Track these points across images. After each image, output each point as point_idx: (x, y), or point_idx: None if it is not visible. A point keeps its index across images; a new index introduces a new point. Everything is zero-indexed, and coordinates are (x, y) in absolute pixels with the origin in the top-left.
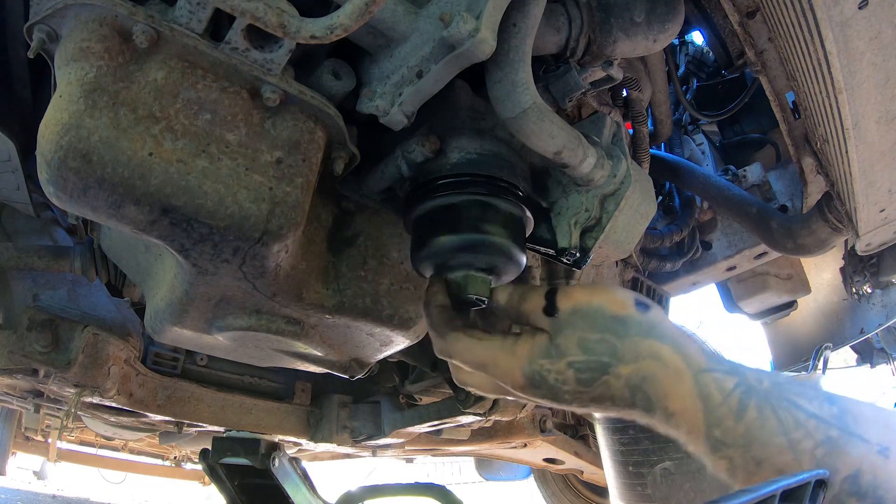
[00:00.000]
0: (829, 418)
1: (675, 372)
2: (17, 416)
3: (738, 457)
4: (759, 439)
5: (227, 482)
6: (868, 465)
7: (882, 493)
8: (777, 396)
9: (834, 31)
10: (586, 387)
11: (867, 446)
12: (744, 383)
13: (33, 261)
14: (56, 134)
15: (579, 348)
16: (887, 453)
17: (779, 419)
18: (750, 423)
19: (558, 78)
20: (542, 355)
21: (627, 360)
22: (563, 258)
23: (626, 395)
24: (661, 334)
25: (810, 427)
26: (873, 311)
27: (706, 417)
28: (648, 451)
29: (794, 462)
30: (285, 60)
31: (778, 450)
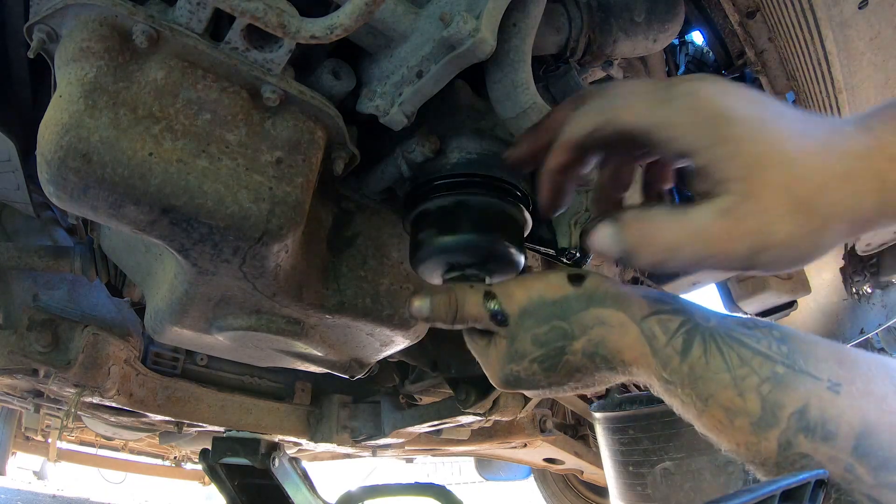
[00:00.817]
0: (777, 356)
1: (620, 327)
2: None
3: (686, 395)
4: (703, 377)
5: (227, 482)
6: (816, 399)
7: (832, 427)
8: (722, 334)
9: (834, 31)
10: (553, 371)
11: (816, 382)
12: (689, 322)
13: (33, 261)
14: (56, 134)
15: (534, 345)
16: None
17: (723, 356)
18: (694, 362)
19: (558, 78)
20: (508, 360)
21: (577, 334)
22: (563, 258)
23: (588, 364)
24: (599, 300)
25: (755, 364)
26: (873, 311)
27: (654, 360)
28: (648, 451)
29: (739, 398)
30: (285, 60)
31: (722, 386)
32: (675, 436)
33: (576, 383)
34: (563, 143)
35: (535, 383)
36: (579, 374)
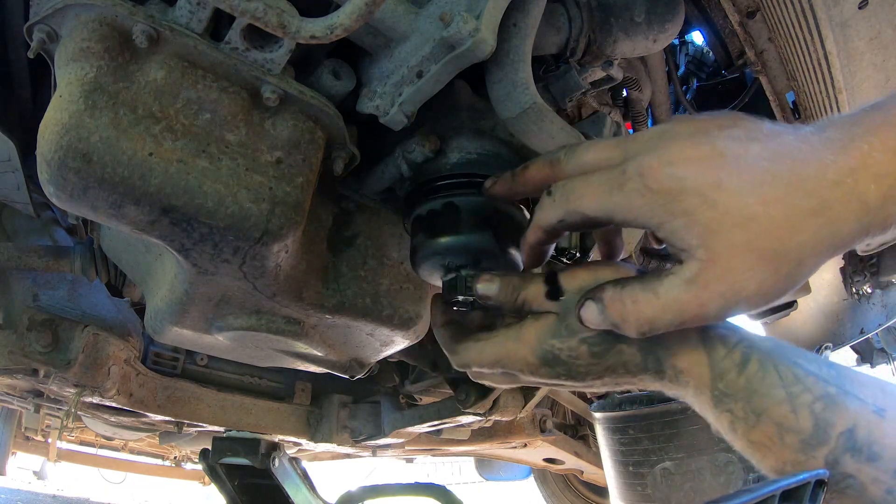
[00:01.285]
0: (828, 377)
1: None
2: (17, 416)
3: (740, 409)
4: (759, 391)
5: (227, 482)
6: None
7: (877, 449)
8: (777, 354)
9: (834, 31)
10: (600, 358)
11: (863, 404)
12: (746, 339)
13: (33, 261)
14: (56, 134)
15: None
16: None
17: (778, 373)
18: (751, 376)
19: (558, 78)
20: (552, 335)
21: None
22: (563, 258)
23: (639, 360)
24: None
25: (809, 383)
26: (873, 311)
27: (711, 370)
28: (648, 451)
29: (793, 415)
30: (285, 60)
31: (777, 402)
32: (675, 436)
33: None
34: (536, 229)
35: (572, 367)
36: (623, 371)
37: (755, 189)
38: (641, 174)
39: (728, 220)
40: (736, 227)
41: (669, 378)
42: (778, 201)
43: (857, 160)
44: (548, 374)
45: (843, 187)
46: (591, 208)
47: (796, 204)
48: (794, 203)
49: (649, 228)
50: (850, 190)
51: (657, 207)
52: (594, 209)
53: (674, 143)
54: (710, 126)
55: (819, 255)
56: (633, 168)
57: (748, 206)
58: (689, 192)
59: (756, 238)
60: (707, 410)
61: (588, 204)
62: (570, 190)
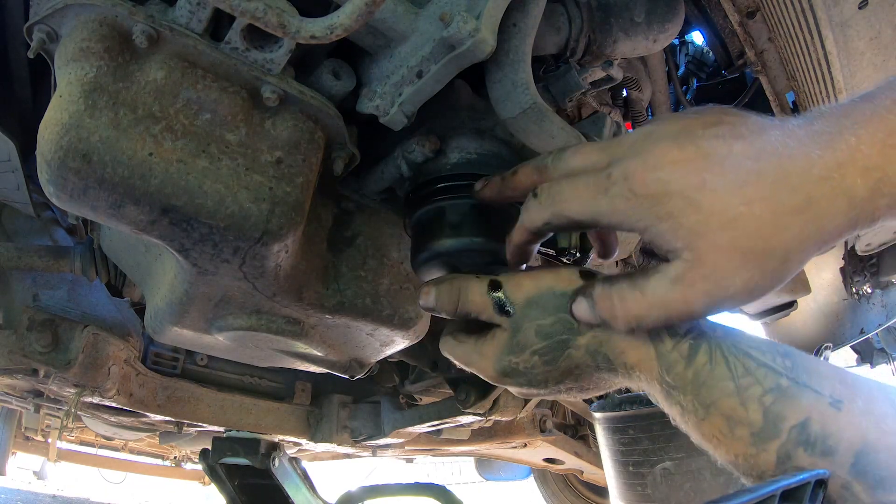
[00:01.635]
0: (781, 369)
1: None
2: (17, 416)
3: (688, 402)
4: (707, 383)
5: (227, 482)
6: (818, 414)
7: (832, 442)
8: (728, 344)
9: (834, 31)
10: (553, 365)
11: (818, 397)
12: (696, 329)
13: (33, 261)
14: (56, 134)
15: (538, 337)
16: (839, 406)
17: (728, 365)
18: (699, 368)
19: (558, 78)
20: (507, 352)
21: (583, 330)
22: (563, 258)
23: (589, 361)
24: None
25: (759, 374)
26: (873, 311)
27: (658, 363)
28: (648, 451)
29: (742, 407)
30: (285, 60)
31: (725, 394)
32: (675, 436)
33: (572, 383)
34: (521, 229)
35: (532, 377)
36: (578, 372)
37: (739, 189)
38: (626, 178)
39: (713, 222)
40: (720, 228)
41: (622, 374)
42: (762, 200)
43: (845, 154)
44: (512, 383)
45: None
46: (576, 212)
47: (781, 201)
48: (779, 200)
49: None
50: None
51: (642, 211)
52: (579, 213)
53: (658, 145)
54: (694, 125)
55: (805, 252)
56: (617, 172)
57: (732, 207)
58: (673, 195)
59: (741, 238)
60: (660, 402)
61: (573, 207)
62: (555, 193)
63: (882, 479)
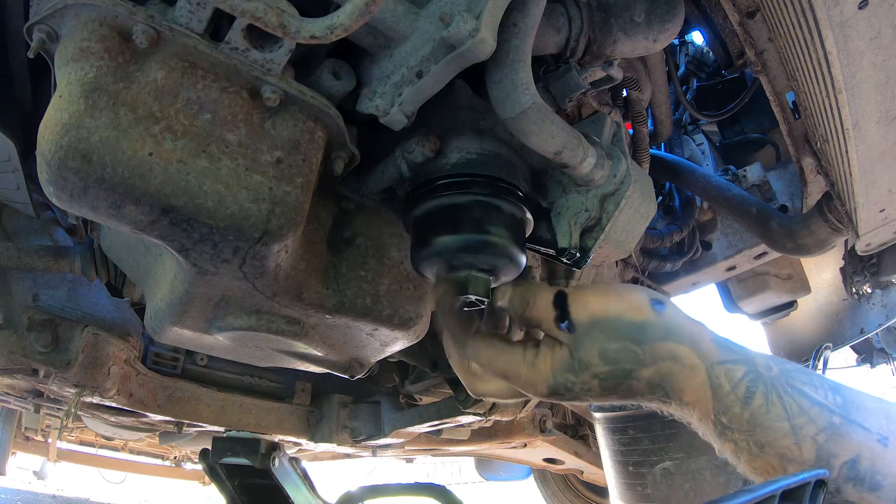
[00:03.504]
0: (833, 406)
1: (691, 368)
2: (17, 416)
3: (743, 441)
4: (763, 424)
5: (227, 482)
6: (867, 451)
7: (880, 478)
8: (783, 384)
9: (834, 31)
10: (611, 392)
11: (867, 434)
12: (752, 371)
13: (33, 261)
14: (56, 134)
15: (601, 360)
16: (886, 442)
17: (783, 405)
18: (756, 410)
19: (558, 78)
20: (566, 370)
21: (648, 363)
22: (563, 258)
23: (647, 392)
24: (678, 335)
25: (813, 414)
26: (873, 311)
27: (715, 405)
28: (648, 451)
29: (796, 446)
30: (285, 60)
31: (781, 434)
32: (675, 436)
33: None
34: None
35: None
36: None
37: None
38: None
39: None
40: None
41: (675, 408)
42: None
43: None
44: (556, 399)
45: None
46: None
47: None
48: None
49: None
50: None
51: None
52: None
53: None
54: None
55: None
56: None
57: None
58: None
59: None
60: (711, 438)
61: None
62: None
63: None
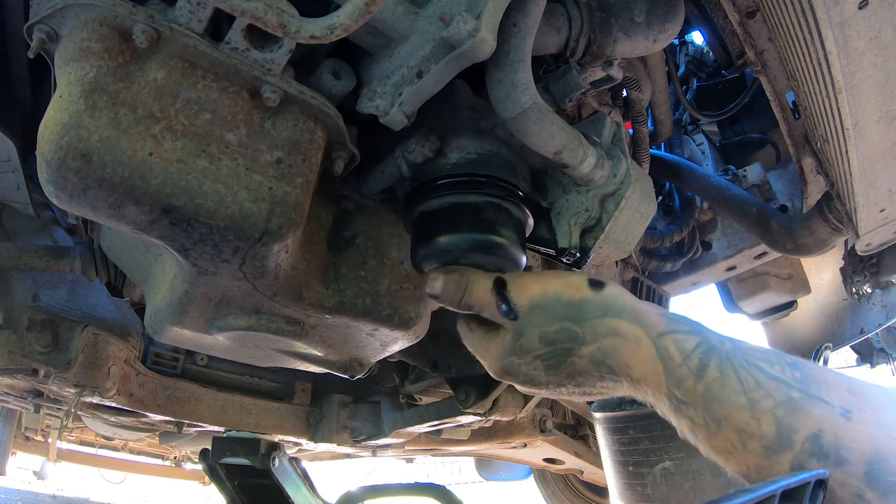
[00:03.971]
0: (790, 381)
1: (634, 341)
2: (17, 416)
3: (699, 416)
4: (719, 398)
5: (227, 482)
6: (829, 425)
7: (844, 453)
8: (739, 357)
9: (834, 31)
10: (556, 370)
11: (828, 408)
12: (705, 342)
13: (33, 261)
14: (56, 134)
15: (541, 343)
16: (849, 415)
17: (739, 379)
18: (710, 382)
19: (558, 78)
20: (510, 353)
21: (588, 341)
22: (563, 258)
23: (593, 370)
24: (617, 310)
25: (770, 388)
26: (873, 311)
27: (667, 378)
28: (648, 451)
29: (754, 421)
30: (285, 60)
31: (737, 408)
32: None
33: (575, 387)
34: None
35: (534, 378)
36: (580, 379)
37: None
38: None
39: None
40: None
41: (628, 385)
42: None
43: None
44: (514, 380)
45: None
46: None
47: None
48: None
49: None
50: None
51: None
52: None
53: None
54: None
55: None
56: None
57: None
58: None
59: None
60: (668, 415)
61: None
62: None
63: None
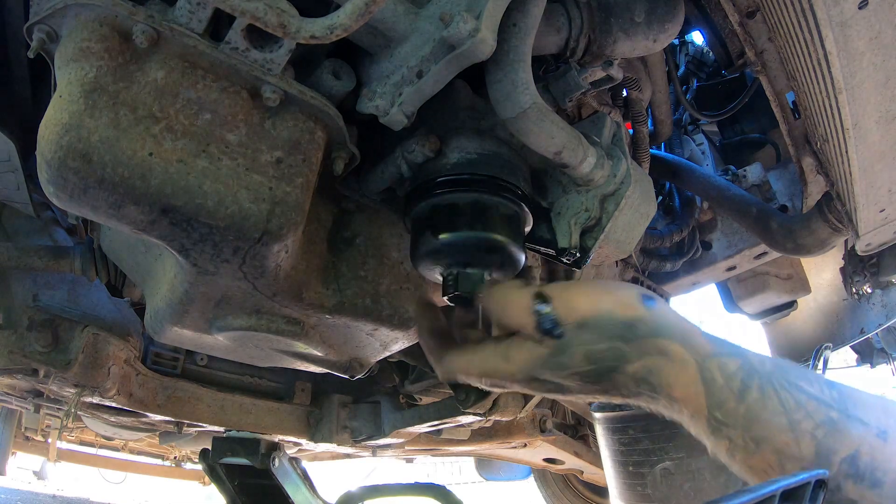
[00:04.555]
0: (830, 401)
1: (681, 362)
2: (17, 416)
3: (738, 437)
4: (760, 419)
5: (227, 482)
6: (867, 446)
7: (880, 475)
8: (779, 378)
9: (834, 31)
10: (594, 384)
11: (866, 428)
12: (747, 364)
13: (33, 261)
14: (56, 134)
15: (586, 360)
16: (885, 436)
17: (780, 400)
18: (751, 404)
19: (558, 78)
20: (544, 367)
21: (634, 358)
22: (563, 258)
23: (632, 387)
24: (669, 331)
25: (811, 408)
26: (873, 311)
27: (708, 400)
28: (648, 451)
29: (794, 441)
30: (285, 60)
31: (778, 429)
32: (675, 436)
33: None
34: None
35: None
36: (615, 392)
37: None
38: None
39: None
40: None
41: (664, 405)
42: None
43: None
44: (539, 389)
45: None
46: None
47: None
48: None
49: None
50: None
51: None
52: None
53: None
54: None
55: None
56: None
57: None
58: None
59: None
60: (703, 436)
61: None
62: None
63: None
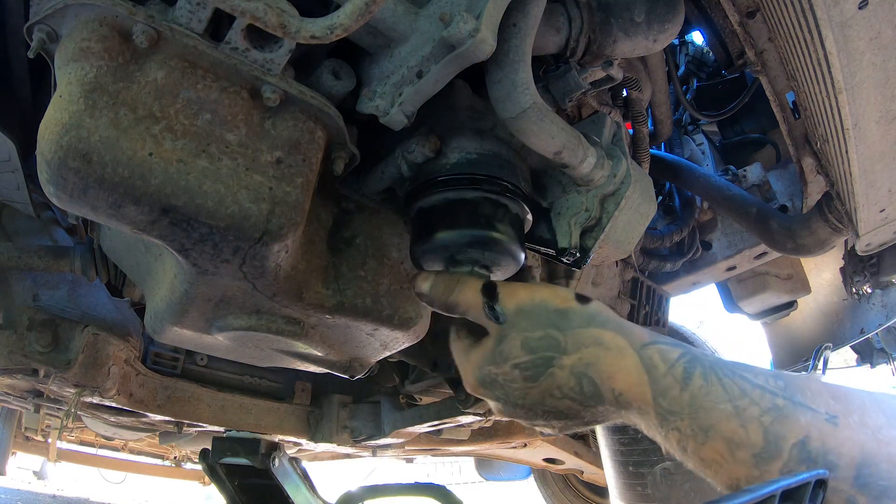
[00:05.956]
0: (775, 389)
1: (618, 350)
2: (17, 416)
3: (686, 426)
4: (705, 406)
5: (227, 482)
6: (816, 431)
7: (833, 458)
8: (722, 367)
9: (834, 31)
10: (534, 381)
11: (814, 414)
12: (688, 354)
13: (33, 261)
14: (56, 134)
15: (523, 349)
16: (836, 421)
17: (724, 387)
18: (695, 391)
19: (558, 78)
20: (489, 362)
21: (570, 350)
22: (563, 258)
23: (573, 384)
24: (602, 321)
25: (755, 396)
26: (873, 311)
27: (652, 388)
28: (648, 451)
29: (741, 429)
30: (285, 60)
31: (725, 417)
32: None
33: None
34: None
35: (510, 391)
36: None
37: None
38: None
39: None
40: None
41: (609, 401)
42: None
43: None
44: (490, 396)
45: None
46: None
47: None
48: None
49: None
50: None
51: None
52: None
53: None
54: None
55: None
56: None
57: None
58: None
59: None
60: (654, 430)
61: None
62: None
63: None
